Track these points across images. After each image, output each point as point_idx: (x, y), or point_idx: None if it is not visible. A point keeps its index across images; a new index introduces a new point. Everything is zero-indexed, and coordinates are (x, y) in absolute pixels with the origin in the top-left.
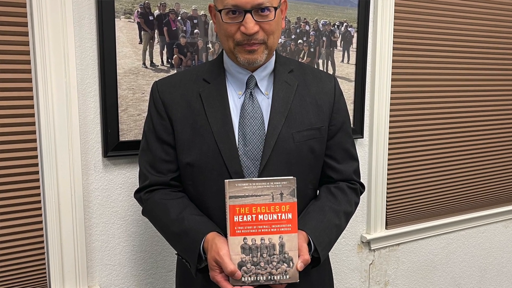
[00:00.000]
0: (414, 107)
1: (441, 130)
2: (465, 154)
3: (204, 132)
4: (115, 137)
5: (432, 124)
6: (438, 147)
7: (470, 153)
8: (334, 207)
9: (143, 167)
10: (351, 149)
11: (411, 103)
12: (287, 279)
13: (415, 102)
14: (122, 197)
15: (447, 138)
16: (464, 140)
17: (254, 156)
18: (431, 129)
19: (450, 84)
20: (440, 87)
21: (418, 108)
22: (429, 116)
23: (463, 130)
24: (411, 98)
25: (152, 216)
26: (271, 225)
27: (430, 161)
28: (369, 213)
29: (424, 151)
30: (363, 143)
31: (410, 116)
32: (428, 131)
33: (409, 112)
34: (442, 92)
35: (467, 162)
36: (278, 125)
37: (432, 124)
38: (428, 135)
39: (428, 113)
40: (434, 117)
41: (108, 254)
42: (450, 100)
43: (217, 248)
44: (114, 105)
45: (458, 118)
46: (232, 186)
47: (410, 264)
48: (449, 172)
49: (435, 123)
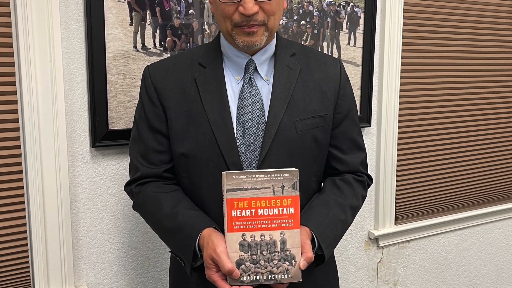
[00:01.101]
0: (425, 93)
1: (456, 118)
2: (481, 143)
3: (200, 120)
4: (103, 126)
5: (446, 112)
6: (451, 136)
7: (486, 142)
8: (339, 201)
9: (134, 158)
10: (358, 138)
11: (422, 89)
12: (289, 279)
13: (427, 88)
14: (112, 190)
15: (462, 126)
16: (481, 128)
17: (253, 146)
18: (444, 117)
19: (467, 69)
20: (455, 71)
21: (430, 95)
22: (442, 103)
23: (482, 118)
24: (422, 84)
25: (144, 211)
26: (272, 221)
27: (443, 151)
28: (377, 207)
29: (437, 141)
30: (371, 132)
31: (422, 103)
32: (441, 119)
33: (420, 98)
34: (458, 77)
35: (483, 152)
36: (279, 113)
37: (446, 111)
38: (441, 123)
39: (441, 99)
40: (448, 104)
41: (96, 251)
42: (467, 85)
43: (214, 245)
44: (102, 91)
45: (475, 105)
46: (229, 178)
47: (421, 262)
48: (464, 164)
49: (449, 110)
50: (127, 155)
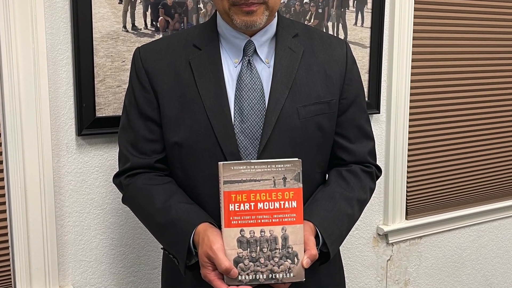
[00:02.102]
0: (439, 77)
1: (473, 104)
2: (500, 131)
3: (195, 106)
4: (90, 113)
5: (462, 98)
6: (468, 123)
7: (504, 130)
8: (345, 194)
9: (123, 147)
10: (366, 126)
11: (435, 73)
12: (291, 278)
13: (440, 72)
14: (99, 182)
15: (480, 111)
16: (503, 115)
17: (252, 134)
18: (460, 103)
19: (485, 51)
20: (473, 53)
21: (443, 79)
22: (457, 87)
23: (503, 103)
24: (435, 67)
25: (134, 204)
26: (273, 215)
27: (458, 139)
28: (387, 200)
29: (452, 128)
30: (380, 119)
31: (435, 88)
32: (456, 105)
33: (433, 83)
34: (475, 59)
35: (502, 141)
36: (280, 98)
37: (461, 96)
38: (456, 109)
39: (456, 84)
40: (464, 88)
41: (82, 248)
42: (486, 69)
43: (210, 242)
44: (89, 75)
45: (495, 90)
46: (227, 169)
47: (434, 260)
48: (480, 154)
49: (465, 95)
50: (116, 144)
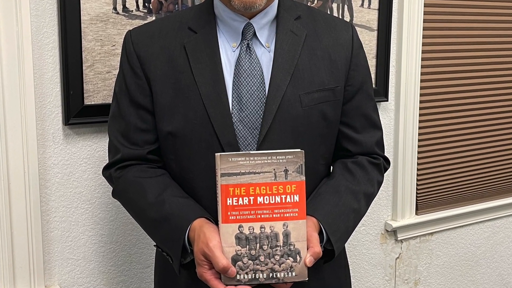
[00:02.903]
0: (451, 63)
1: (490, 91)
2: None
3: (190, 93)
4: (78, 100)
5: (477, 84)
6: (483, 111)
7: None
8: (351, 187)
9: (113, 137)
10: (373, 115)
11: (448, 58)
12: (293, 277)
13: (453, 57)
14: (88, 175)
15: (497, 99)
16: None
17: (251, 123)
18: (475, 90)
19: (500, 34)
20: (487, 37)
21: (456, 64)
22: (472, 74)
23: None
24: (448, 52)
25: (125, 199)
26: (273, 210)
27: (471, 129)
28: (395, 194)
29: (465, 117)
30: (388, 107)
31: (447, 74)
32: (471, 92)
33: (445, 69)
34: (490, 43)
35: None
36: (281, 85)
37: (476, 83)
38: (471, 96)
39: (470, 69)
40: (479, 74)
41: (70, 246)
42: (503, 53)
43: (206, 239)
44: (77, 60)
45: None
46: (224, 161)
47: (447, 258)
48: (495, 145)
49: (480, 82)
50: (106, 134)
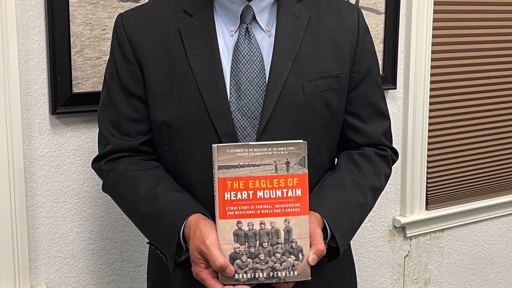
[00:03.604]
0: (463, 48)
1: (507, 79)
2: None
3: (185, 81)
4: (66, 88)
5: (492, 71)
6: (498, 100)
7: None
8: (357, 181)
9: (103, 127)
10: (380, 103)
11: (460, 42)
12: (295, 276)
13: (466, 42)
14: (76, 168)
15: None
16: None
17: (251, 113)
18: (489, 77)
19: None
20: (502, 21)
21: (469, 49)
22: (485, 60)
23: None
24: (461, 36)
25: (116, 193)
26: (274, 205)
27: (486, 118)
28: (404, 188)
29: (479, 106)
30: (396, 95)
31: (459, 60)
32: (484, 79)
33: (458, 54)
34: (506, 27)
35: None
36: (283, 72)
37: (490, 70)
38: (485, 84)
39: (485, 55)
40: (494, 60)
41: (57, 243)
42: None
43: (202, 235)
44: (65, 45)
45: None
46: (222, 152)
47: (458, 256)
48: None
49: (495, 68)
50: (95, 124)
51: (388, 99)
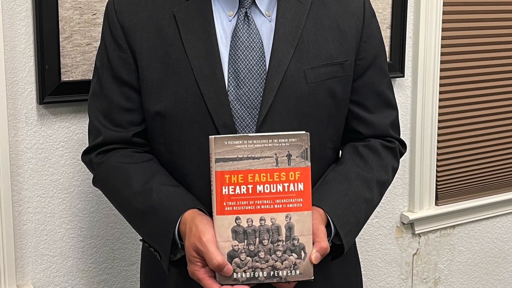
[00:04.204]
0: (476, 34)
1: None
2: None
3: (180, 68)
4: (55, 76)
5: (506, 58)
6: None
7: None
8: (363, 174)
9: (94, 118)
10: (387, 92)
11: (473, 28)
12: (297, 276)
13: (478, 27)
14: (65, 160)
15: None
16: None
17: (250, 102)
18: (503, 64)
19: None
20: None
21: (483, 35)
22: (500, 46)
23: None
24: (473, 21)
25: (107, 187)
26: (275, 200)
27: (500, 108)
28: (413, 182)
29: (492, 95)
30: (404, 84)
31: (472, 46)
32: (498, 67)
33: (469, 40)
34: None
35: None
36: (284, 59)
37: (505, 57)
38: (498, 72)
39: (498, 41)
40: (506, 47)
41: (45, 240)
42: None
43: (199, 232)
44: (53, 31)
45: None
46: (219, 144)
47: (470, 254)
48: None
49: (510, 55)
50: (86, 115)
51: (395, 88)
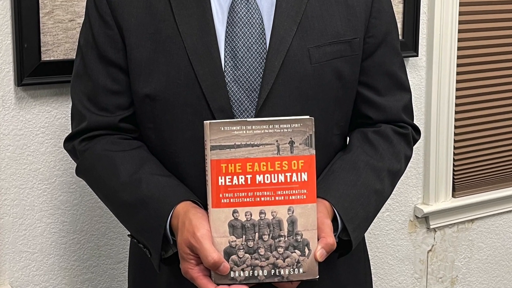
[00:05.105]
0: (497, 9)
1: None
2: None
3: (172, 47)
4: (34, 56)
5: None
6: None
7: None
8: (373, 163)
9: (78, 101)
10: (400, 73)
11: (493, 2)
12: (300, 274)
13: (501, 0)
14: (46, 148)
15: None
16: None
17: (249, 84)
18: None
19: None
20: None
21: (505, 10)
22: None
23: None
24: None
25: (92, 177)
26: (276, 191)
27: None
28: (427, 172)
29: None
30: (418, 64)
31: (492, 22)
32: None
33: (489, 16)
34: None
35: None
36: (286, 37)
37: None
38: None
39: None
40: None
41: (24, 235)
42: None
43: (192, 227)
44: (33, 5)
45: None
46: (215, 130)
47: (491, 251)
48: None
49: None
50: (68, 97)
51: (408, 68)
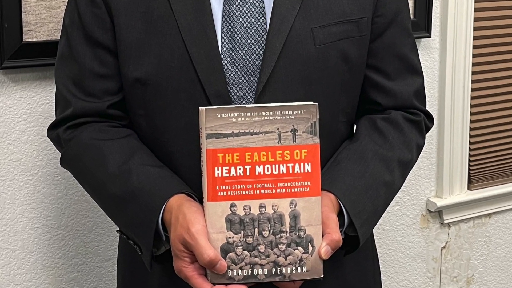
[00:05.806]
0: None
1: None
2: None
3: (165, 27)
4: (15, 36)
5: None
6: None
7: None
8: (382, 153)
9: (62, 85)
10: (411, 55)
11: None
12: (303, 273)
13: None
14: (28, 136)
15: None
16: None
17: (248, 67)
18: None
19: None
20: None
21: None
22: None
23: None
24: None
25: (78, 168)
26: (277, 183)
27: None
28: (441, 163)
29: None
30: (431, 45)
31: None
32: None
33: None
34: None
35: None
36: (288, 16)
37: None
38: None
39: None
40: None
41: (4, 231)
42: None
43: (187, 222)
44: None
45: None
46: (211, 117)
47: (509, 247)
48: None
49: None
50: (52, 81)
51: (420, 50)
